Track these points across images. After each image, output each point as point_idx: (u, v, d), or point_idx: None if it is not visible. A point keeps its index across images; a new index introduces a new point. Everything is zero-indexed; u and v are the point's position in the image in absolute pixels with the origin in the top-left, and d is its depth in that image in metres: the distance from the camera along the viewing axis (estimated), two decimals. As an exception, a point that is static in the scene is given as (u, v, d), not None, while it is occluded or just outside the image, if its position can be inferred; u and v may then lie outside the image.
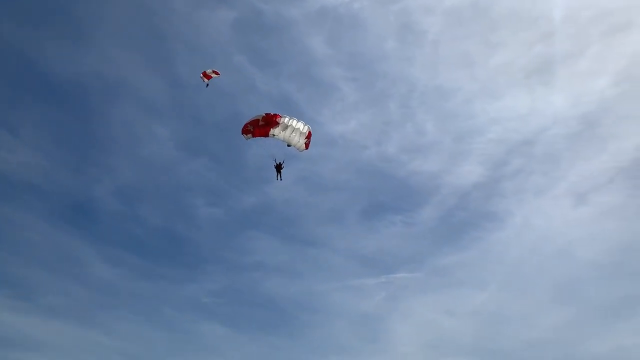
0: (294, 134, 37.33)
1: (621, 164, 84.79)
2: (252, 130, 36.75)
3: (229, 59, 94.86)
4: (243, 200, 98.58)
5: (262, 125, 36.38)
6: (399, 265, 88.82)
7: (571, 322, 73.39)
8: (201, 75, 49.47)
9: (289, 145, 38.10)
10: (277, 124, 36.46)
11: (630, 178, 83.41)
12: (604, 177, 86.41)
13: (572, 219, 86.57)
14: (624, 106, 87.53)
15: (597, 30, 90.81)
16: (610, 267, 76.38)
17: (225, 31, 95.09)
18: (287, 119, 36.61)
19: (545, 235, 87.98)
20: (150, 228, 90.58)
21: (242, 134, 37.54)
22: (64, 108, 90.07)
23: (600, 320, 72.13)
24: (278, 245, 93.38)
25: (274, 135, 37.19)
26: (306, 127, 37.77)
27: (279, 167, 40.11)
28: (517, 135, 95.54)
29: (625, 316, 69.61)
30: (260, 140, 37.70)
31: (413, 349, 75.16)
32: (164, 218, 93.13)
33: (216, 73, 49.76)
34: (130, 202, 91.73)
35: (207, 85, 50.62)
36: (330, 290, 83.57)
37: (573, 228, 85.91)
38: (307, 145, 38.78)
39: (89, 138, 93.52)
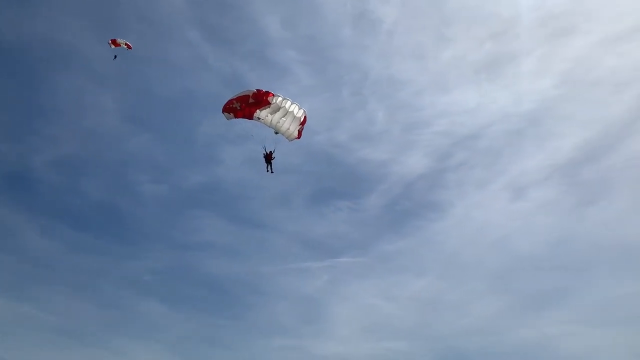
0: (285, 118, 31.22)
1: (558, 162, 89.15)
2: (238, 108, 30.74)
3: (183, 33, 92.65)
4: (190, 178, 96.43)
5: (252, 104, 30.35)
6: (344, 250, 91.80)
7: (503, 311, 76.55)
8: (109, 41, 46.88)
9: (276, 133, 32.15)
10: (267, 103, 30.23)
11: (565, 176, 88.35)
12: (542, 173, 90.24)
13: (509, 212, 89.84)
14: (564, 107, 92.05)
15: (544, 32, 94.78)
16: (542, 260, 79.71)
17: (180, 4, 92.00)
18: (279, 99, 30.38)
19: (483, 227, 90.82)
20: (91, 202, 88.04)
21: (224, 112, 31.40)
22: (6, 72, 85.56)
23: (530, 310, 75.62)
24: (224, 226, 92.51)
25: (258, 118, 31.09)
26: (301, 111, 31.71)
27: (269, 157, 34.06)
28: (463, 129, 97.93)
29: (553, 306, 73.04)
30: (244, 122, 31.85)
31: (352, 332, 77.18)
32: (106, 192, 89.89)
33: (128, 46, 47.29)
34: (71, 174, 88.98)
35: (115, 57, 48.20)
36: (275, 273, 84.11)
37: (510, 221, 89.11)
38: (300, 133, 32.66)
39: (31, 105, 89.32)
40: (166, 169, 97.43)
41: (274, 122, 31.29)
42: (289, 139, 32.53)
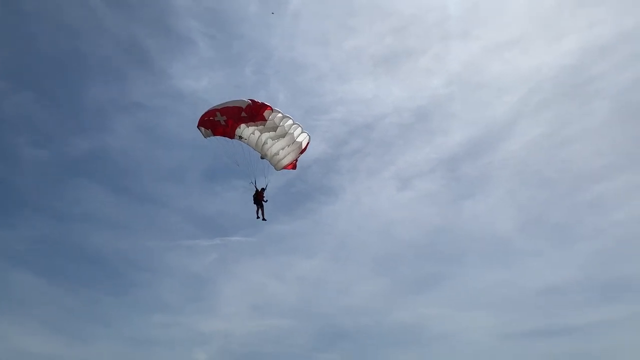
0: (277, 141, 23.72)
1: (442, 156, 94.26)
2: (222, 122, 22.51)
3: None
4: (74, 144, 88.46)
5: (243, 119, 22.40)
6: (235, 229, 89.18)
7: (384, 293, 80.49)
8: None
9: (262, 158, 24.49)
10: (262, 119, 22.39)
11: (448, 170, 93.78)
12: (427, 166, 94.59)
13: (395, 200, 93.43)
14: (451, 106, 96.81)
15: (440, 33, 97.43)
16: (421, 247, 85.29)
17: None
18: (279, 117, 22.88)
19: (371, 213, 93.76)
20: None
21: (199, 127, 23.32)
22: None
23: (408, 293, 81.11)
24: (110, 198, 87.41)
25: (240, 136, 23.38)
26: (304, 135, 24.63)
27: (259, 197, 25.78)
28: (359, 118, 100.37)
29: (428, 290, 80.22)
30: (223, 142, 23.95)
31: (238, 310, 78.18)
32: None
33: None
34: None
35: None
36: (162, 249, 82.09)
37: (395, 209, 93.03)
38: (295, 163, 25.69)
39: None
40: (48, 132, 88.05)
41: (260, 143, 23.41)
42: (277, 167, 24.78)
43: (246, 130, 22.94)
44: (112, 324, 70.67)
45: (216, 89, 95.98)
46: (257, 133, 23.20)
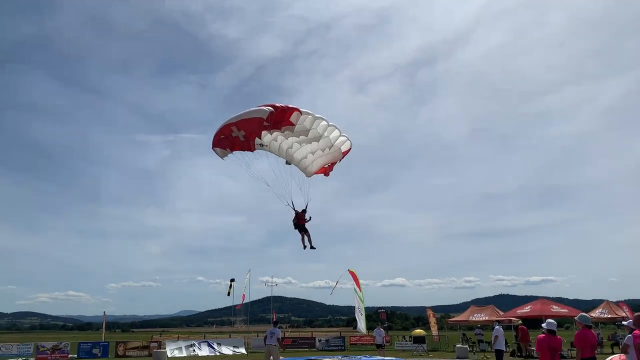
0: (310, 145, 19.42)
1: (400, 62, 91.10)
2: (241, 138, 17.89)
3: None
4: (15, 27, 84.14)
5: (266, 127, 17.84)
6: (188, 126, 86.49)
7: (336, 194, 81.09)
8: None
9: (288, 163, 20.25)
10: (289, 124, 18.20)
11: (405, 76, 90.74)
12: (385, 71, 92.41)
13: (351, 104, 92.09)
14: (412, 9, 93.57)
15: None
16: (374, 151, 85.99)
17: None
18: (309, 119, 18.39)
19: (326, 116, 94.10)
20: None
21: (215, 147, 18.58)
22: None
23: (358, 195, 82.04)
24: (55, 87, 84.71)
25: (261, 145, 19.14)
26: (343, 140, 19.86)
27: (300, 221, 19.99)
28: (318, 16, 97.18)
29: (378, 193, 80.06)
30: (241, 156, 18.64)
31: (192, 206, 77.95)
32: None
33: None
34: None
35: None
36: (111, 142, 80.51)
37: (351, 112, 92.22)
38: (329, 169, 21.23)
39: None
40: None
41: (284, 147, 19.33)
42: (307, 173, 20.32)
43: (267, 137, 18.73)
44: (62, 216, 68.98)
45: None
46: (280, 139, 19.03)
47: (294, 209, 19.79)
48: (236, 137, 17.58)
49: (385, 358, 21.57)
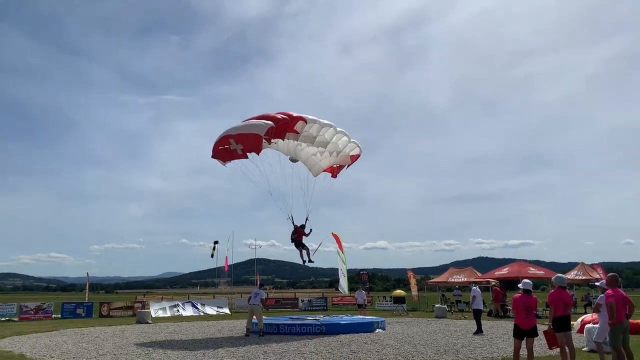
0: (315, 148, 19.12)
1: (386, 24, 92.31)
2: (239, 151, 17.05)
3: None
4: None
5: (267, 139, 17.05)
6: (170, 88, 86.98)
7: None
8: None
9: (293, 161, 19.77)
10: (293, 132, 17.92)
11: (390, 39, 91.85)
12: (370, 33, 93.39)
13: (336, 67, 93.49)
14: None
15: None
16: (358, 116, 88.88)
17: None
18: (316, 127, 18.09)
19: (310, 79, 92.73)
20: None
21: (214, 157, 17.85)
22: None
23: None
24: (33, 46, 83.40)
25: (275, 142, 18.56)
26: (352, 146, 19.81)
27: (299, 237, 19.52)
28: None
29: (364, 157, 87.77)
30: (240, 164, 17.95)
31: (176, 170, 78.52)
32: None
33: None
34: None
35: None
36: (92, 103, 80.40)
37: (335, 76, 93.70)
38: (337, 171, 21.02)
39: None
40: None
41: (292, 145, 18.98)
42: (314, 171, 19.90)
43: (272, 145, 18.41)
44: (43, 177, 69.03)
45: None
46: (287, 141, 18.61)
47: (293, 224, 19.54)
48: (234, 150, 17.03)
49: (365, 317, 22.06)
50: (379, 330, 18.62)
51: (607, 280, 9.64)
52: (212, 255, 40.87)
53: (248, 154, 16.97)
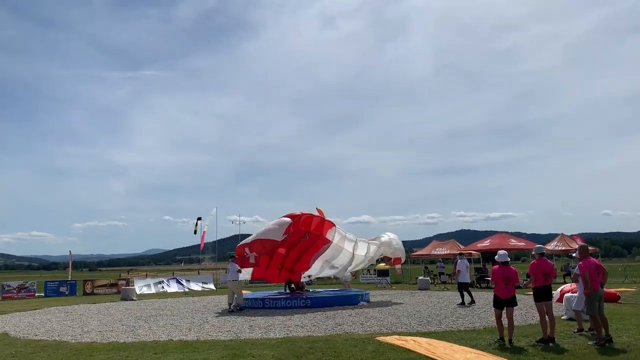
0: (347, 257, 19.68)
1: None
2: (252, 261, 18.27)
3: None
4: None
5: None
6: (149, 62, 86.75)
7: (302, 132, 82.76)
8: None
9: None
10: (324, 242, 18.91)
11: (372, 11, 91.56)
12: (353, 4, 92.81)
13: (318, 40, 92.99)
14: None
15: None
16: (341, 89, 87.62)
17: None
18: (347, 241, 19.52)
19: (293, 52, 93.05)
20: None
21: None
22: None
23: (325, 132, 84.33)
24: (5, 18, 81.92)
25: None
26: (393, 247, 21.35)
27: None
28: None
29: (345, 131, 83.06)
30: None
31: (155, 144, 78.74)
32: None
33: None
34: None
35: None
36: (68, 77, 79.64)
37: (318, 49, 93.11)
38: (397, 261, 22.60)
39: None
40: None
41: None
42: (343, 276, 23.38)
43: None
44: (20, 153, 68.41)
45: None
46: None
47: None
48: (247, 257, 18.44)
49: (349, 289, 22.32)
50: (363, 302, 18.84)
51: (579, 251, 9.87)
52: (195, 232, 40.82)
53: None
